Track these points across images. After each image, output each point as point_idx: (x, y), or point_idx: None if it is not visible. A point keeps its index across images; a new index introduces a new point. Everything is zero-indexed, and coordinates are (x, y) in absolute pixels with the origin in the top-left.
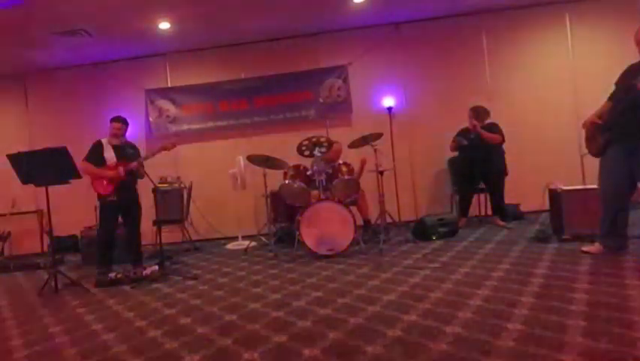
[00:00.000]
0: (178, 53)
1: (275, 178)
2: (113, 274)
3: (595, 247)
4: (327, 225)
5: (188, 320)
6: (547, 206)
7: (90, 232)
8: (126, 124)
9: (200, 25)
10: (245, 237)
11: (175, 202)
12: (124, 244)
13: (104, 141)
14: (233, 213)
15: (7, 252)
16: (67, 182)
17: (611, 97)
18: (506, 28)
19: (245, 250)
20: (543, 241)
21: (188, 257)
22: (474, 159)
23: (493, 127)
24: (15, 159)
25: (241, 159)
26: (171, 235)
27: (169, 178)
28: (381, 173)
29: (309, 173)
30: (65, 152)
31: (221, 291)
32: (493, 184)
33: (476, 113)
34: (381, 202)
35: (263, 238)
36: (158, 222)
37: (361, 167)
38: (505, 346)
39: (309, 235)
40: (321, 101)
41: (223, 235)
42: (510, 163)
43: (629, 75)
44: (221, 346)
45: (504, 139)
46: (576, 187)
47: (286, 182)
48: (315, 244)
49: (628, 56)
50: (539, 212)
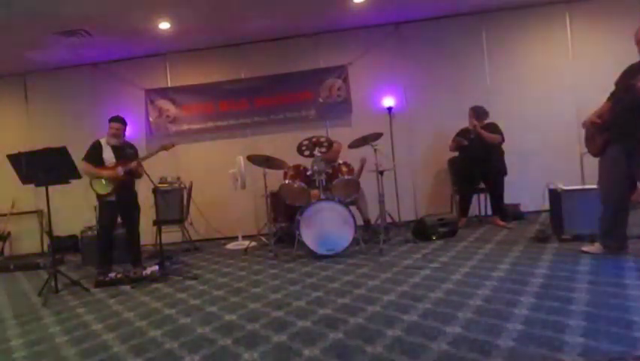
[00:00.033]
0: (178, 53)
1: (275, 178)
2: (113, 274)
3: (595, 247)
4: (327, 225)
5: (188, 320)
6: (548, 206)
7: (90, 232)
8: (125, 124)
9: (200, 25)
10: (245, 237)
11: (175, 202)
12: (124, 244)
13: (102, 141)
14: (233, 213)
15: (7, 252)
16: (67, 182)
17: (611, 97)
18: (506, 28)
19: (245, 250)
20: (543, 241)
21: (188, 257)
22: (474, 159)
23: (492, 127)
24: (15, 159)
25: (241, 159)
26: (171, 235)
27: (169, 178)
28: (381, 173)
29: (309, 173)
30: (65, 152)
31: (221, 291)
32: (493, 184)
33: (476, 113)
34: (381, 202)
35: (263, 238)
36: (158, 222)
37: (361, 167)
38: (505, 346)
39: (309, 235)
40: (321, 101)
41: (223, 235)
42: (510, 163)
43: (628, 75)
44: (221, 346)
45: (504, 139)
46: (576, 187)
47: (286, 182)
48: (315, 244)
49: (628, 56)
50: (539, 212)
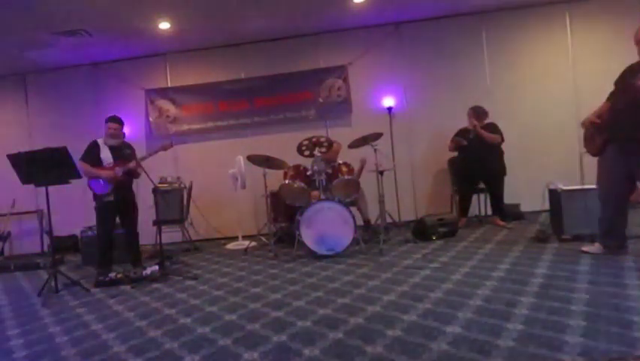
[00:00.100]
0: (178, 53)
1: (275, 178)
2: (113, 274)
3: (595, 247)
4: (327, 225)
5: (188, 320)
6: (548, 206)
7: (90, 232)
8: (122, 124)
9: (200, 25)
10: (245, 237)
11: (175, 202)
12: (123, 244)
13: (100, 141)
14: (233, 213)
15: (7, 252)
16: (67, 182)
17: (610, 97)
18: (506, 28)
19: (245, 250)
20: (543, 241)
21: (188, 257)
22: (474, 159)
23: (492, 127)
24: (15, 159)
25: (241, 159)
26: (171, 235)
27: (169, 178)
28: (381, 173)
29: (309, 173)
30: (65, 152)
31: (221, 291)
32: (492, 184)
33: (476, 113)
34: (381, 202)
35: (263, 238)
36: (158, 222)
37: (361, 167)
38: (505, 346)
39: (309, 235)
40: (321, 101)
41: (223, 235)
42: (510, 163)
43: (628, 75)
44: (221, 346)
45: (503, 139)
46: (576, 187)
47: (286, 182)
48: (315, 244)
49: (628, 56)
50: (539, 212)
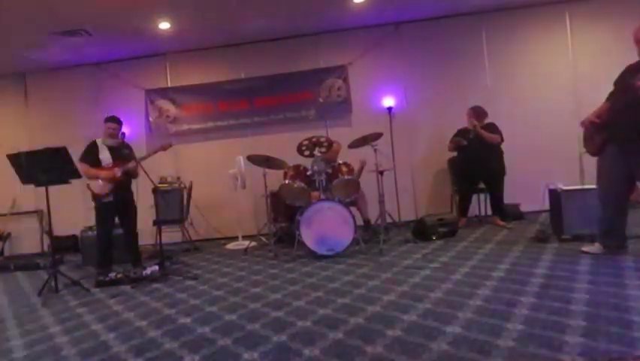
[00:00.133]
0: (178, 53)
1: (275, 178)
2: (113, 274)
3: (595, 247)
4: (327, 225)
5: (188, 319)
6: (548, 206)
7: (90, 232)
8: (120, 124)
9: (200, 25)
10: (245, 237)
11: (175, 202)
12: (123, 244)
13: (98, 141)
14: (233, 213)
15: (7, 252)
16: (67, 182)
17: (610, 97)
18: (506, 28)
19: (245, 250)
20: (543, 241)
21: (188, 257)
22: (473, 159)
23: (491, 127)
24: (15, 159)
25: (241, 159)
26: (171, 235)
27: (169, 178)
28: (381, 173)
29: (309, 173)
30: (65, 152)
31: (221, 291)
32: (492, 184)
33: (476, 113)
34: (381, 202)
35: (263, 238)
36: (158, 222)
37: (361, 167)
38: (505, 346)
39: (309, 235)
40: (321, 101)
41: (223, 235)
42: (510, 163)
43: (627, 75)
44: (221, 346)
45: (503, 139)
46: (576, 187)
47: (286, 182)
48: (315, 244)
49: (628, 56)
50: (539, 212)
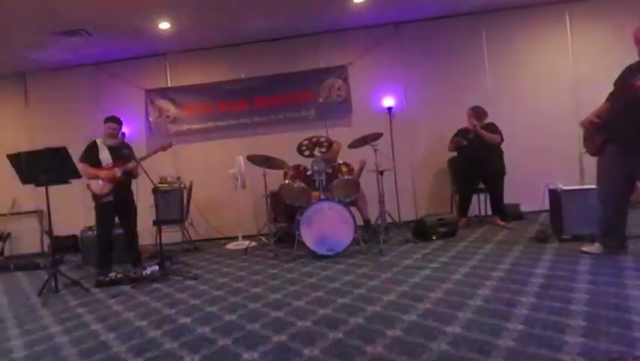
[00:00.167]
0: (178, 53)
1: (275, 178)
2: (113, 274)
3: (595, 247)
4: (327, 225)
5: (188, 319)
6: (548, 206)
7: (90, 232)
8: (120, 124)
9: (200, 25)
10: (245, 237)
11: (175, 202)
12: (123, 244)
13: (98, 141)
14: (233, 213)
15: (7, 252)
16: (67, 182)
17: (610, 97)
18: (506, 28)
19: (245, 250)
20: (543, 241)
21: (188, 257)
22: (473, 159)
23: (491, 127)
24: (15, 159)
25: (241, 159)
26: (171, 235)
27: (169, 178)
28: (381, 173)
29: (309, 173)
30: (65, 152)
31: (221, 291)
32: (492, 184)
33: (476, 113)
34: (381, 202)
35: (263, 238)
36: (158, 222)
37: (361, 167)
38: (505, 346)
39: (309, 235)
40: (321, 101)
41: (223, 235)
42: (510, 163)
43: (627, 75)
44: (221, 346)
45: (503, 139)
46: (576, 187)
47: (286, 182)
48: (315, 244)
49: (628, 56)
50: (539, 212)
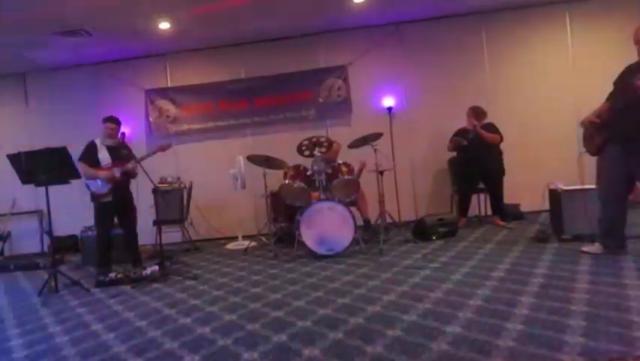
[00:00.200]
0: (178, 53)
1: (275, 178)
2: (113, 274)
3: (595, 247)
4: (327, 225)
5: (188, 320)
6: (548, 206)
7: (90, 232)
8: (119, 124)
9: (200, 25)
10: (245, 237)
11: (175, 202)
12: (123, 244)
13: (97, 141)
14: (233, 213)
15: (7, 252)
16: (68, 182)
17: (610, 97)
18: (506, 28)
19: (245, 250)
20: (543, 241)
21: (188, 257)
22: (473, 159)
23: (491, 127)
24: (15, 159)
25: (241, 159)
26: (171, 235)
27: (169, 178)
28: (381, 173)
29: (309, 173)
30: (65, 152)
31: (221, 291)
32: (491, 184)
33: (475, 113)
34: (381, 202)
35: (263, 238)
36: (158, 222)
37: (360, 169)
38: (505, 346)
39: (309, 235)
40: (321, 101)
41: (223, 235)
42: (510, 163)
43: (627, 75)
44: (221, 346)
45: (502, 139)
46: (576, 187)
47: (286, 182)
48: (315, 244)
49: (628, 56)
50: (539, 212)
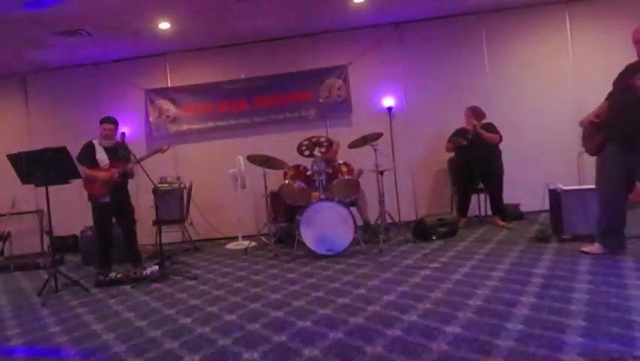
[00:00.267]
0: (178, 53)
1: (275, 178)
2: (113, 274)
3: (595, 247)
4: (327, 225)
5: (188, 320)
6: (548, 206)
7: (89, 232)
8: (117, 124)
9: (200, 25)
10: (245, 237)
11: (175, 202)
12: (122, 244)
13: (95, 142)
14: (233, 213)
15: (7, 252)
16: (68, 182)
17: (609, 97)
18: (506, 28)
19: (245, 250)
20: (543, 241)
21: (188, 257)
22: (473, 159)
23: (490, 127)
24: (15, 159)
25: (241, 159)
26: (171, 235)
27: (169, 178)
28: (381, 173)
29: (309, 173)
30: (65, 152)
31: (221, 291)
32: (491, 184)
33: (475, 113)
34: (381, 202)
35: (263, 238)
36: (158, 222)
37: (357, 176)
38: (505, 346)
39: (309, 235)
40: (321, 101)
41: (223, 235)
42: (510, 163)
43: (627, 75)
44: (221, 346)
45: (502, 138)
46: (576, 187)
47: (286, 182)
48: (315, 244)
49: (628, 56)
50: (539, 212)
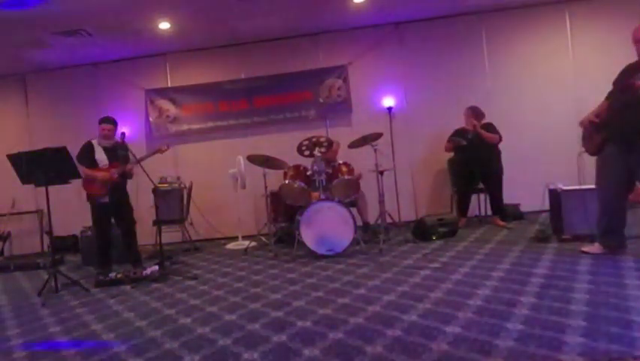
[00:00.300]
0: (178, 53)
1: (275, 178)
2: (113, 274)
3: (595, 247)
4: (327, 225)
5: (188, 320)
6: (548, 206)
7: (89, 232)
8: (116, 124)
9: (200, 25)
10: (245, 237)
11: (175, 202)
12: (122, 245)
13: (94, 142)
14: (233, 213)
15: (7, 252)
16: (68, 182)
17: (609, 96)
18: (506, 28)
19: (245, 250)
20: (543, 241)
21: (188, 257)
22: (473, 159)
23: (490, 127)
24: (15, 159)
25: (241, 159)
26: (171, 235)
27: (169, 178)
28: (381, 173)
29: (309, 173)
30: (65, 152)
31: (221, 291)
32: (490, 184)
33: (475, 113)
34: (381, 202)
35: (263, 238)
36: (158, 222)
37: (356, 180)
38: (505, 346)
39: (309, 235)
40: (321, 101)
41: (223, 235)
42: (510, 163)
43: (626, 74)
44: (221, 346)
45: (501, 138)
46: (576, 187)
47: (286, 182)
48: (315, 244)
49: (628, 56)
50: (539, 212)
